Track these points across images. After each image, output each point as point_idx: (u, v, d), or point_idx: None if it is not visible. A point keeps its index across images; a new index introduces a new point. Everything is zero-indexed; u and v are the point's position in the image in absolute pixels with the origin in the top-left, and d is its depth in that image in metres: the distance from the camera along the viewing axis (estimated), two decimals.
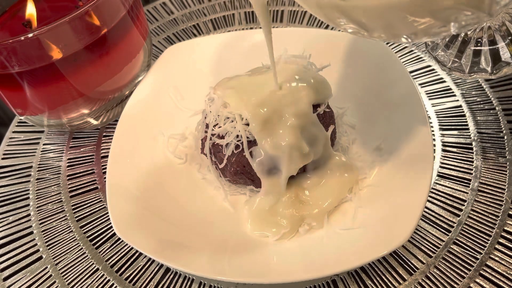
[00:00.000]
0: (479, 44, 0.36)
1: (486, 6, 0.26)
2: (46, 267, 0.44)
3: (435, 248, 0.40)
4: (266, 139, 0.40)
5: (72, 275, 0.43)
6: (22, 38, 0.40)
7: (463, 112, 0.49)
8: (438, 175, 0.45)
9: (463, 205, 0.42)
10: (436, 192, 0.44)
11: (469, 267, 0.38)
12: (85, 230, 0.46)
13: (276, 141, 0.40)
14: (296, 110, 0.40)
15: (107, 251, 0.44)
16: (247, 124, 0.40)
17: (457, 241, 0.40)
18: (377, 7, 0.26)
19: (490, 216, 0.41)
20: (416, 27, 0.28)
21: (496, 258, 0.39)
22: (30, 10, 0.50)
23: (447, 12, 0.26)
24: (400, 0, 0.25)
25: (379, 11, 0.27)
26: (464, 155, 0.46)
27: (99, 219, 0.47)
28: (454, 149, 0.47)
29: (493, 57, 0.36)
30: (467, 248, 0.40)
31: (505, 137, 0.47)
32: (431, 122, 0.49)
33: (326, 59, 0.47)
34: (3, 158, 0.54)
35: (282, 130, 0.40)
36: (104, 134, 0.55)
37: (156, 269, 0.42)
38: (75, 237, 0.46)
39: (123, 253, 0.44)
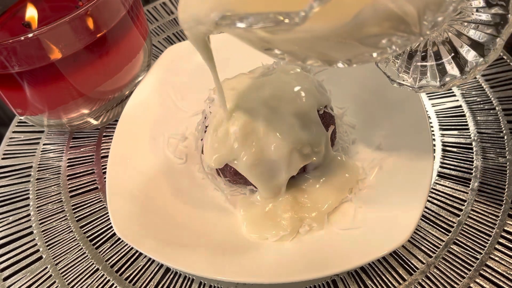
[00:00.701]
0: (424, 58, 0.36)
1: (415, 29, 0.26)
2: (46, 267, 0.44)
3: (435, 248, 0.40)
4: (247, 152, 0.39)
5: (72, 275, 0.43)
6: (22, 38, 0.40)
7: (463, 112, 0.49)
8: (438, 175, 0.45)
9: (463, 205, 0.42)
10: (436, 192, 0.44)
11: (469, 267, 0.38)
12: (85, 230, 0.46)
13: (277, 141, 0.40)
14: (298, 110, 0.40)
15: (107, 251, 0.44)
16: None
17: (457, 241, 0.40)
18: (306, 38, 0.26)
19: (490, 216, 0.41)
20: (348, 55, 0.28)
21: (496, 258, 0.39)
22: (31, 13, 0.50)
23: (376, 38, 0.26)
24: (327, 31, 0.25)
25: (310, 41, 0.26)
26: (464, 155, 0.46)
27: (99, 219, 0.47)
28: (454, 149, 0.47)
29: (439, 70, 0.36)
30: (467, 248, 0.40)
31: (505, 137, 0.47)
32: (431, 122, 0.49)
33: None
34: (3, 158, 0.54)
35: (283, 130, 0.40)
36: (104, 134, 0.55)
37: (156, 269, 0.42)
38: (75, 237, 0.46)
39: (123, 253, 0.44)
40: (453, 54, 0.35)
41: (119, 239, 0.45)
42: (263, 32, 0.25)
